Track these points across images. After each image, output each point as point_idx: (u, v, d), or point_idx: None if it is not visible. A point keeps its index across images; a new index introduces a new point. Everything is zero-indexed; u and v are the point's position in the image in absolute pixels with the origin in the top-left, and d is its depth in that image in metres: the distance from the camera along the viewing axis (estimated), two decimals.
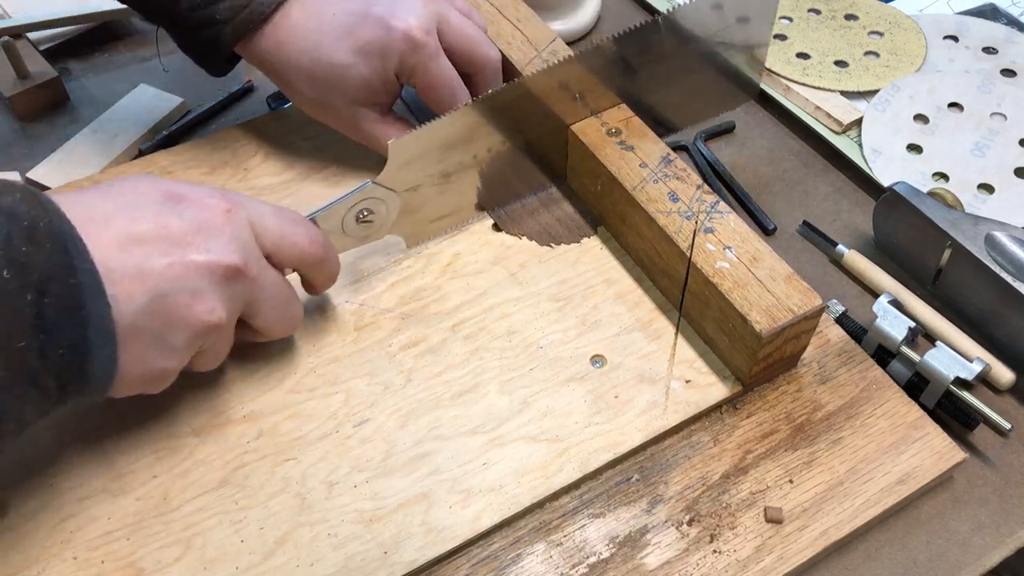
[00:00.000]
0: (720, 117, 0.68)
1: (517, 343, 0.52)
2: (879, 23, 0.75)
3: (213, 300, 0.42)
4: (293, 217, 0.47)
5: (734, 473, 0.47)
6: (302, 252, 0.47)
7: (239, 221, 0.44)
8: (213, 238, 0.42)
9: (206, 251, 0.41)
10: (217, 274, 0.42)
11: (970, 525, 0.48)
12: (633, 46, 0.56)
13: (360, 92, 0.55)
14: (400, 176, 0.53)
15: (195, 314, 0.41)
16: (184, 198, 0.43)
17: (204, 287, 0.41)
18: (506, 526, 0.46)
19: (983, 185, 0.63)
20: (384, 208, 0.53)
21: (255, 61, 0.57)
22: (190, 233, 0.42)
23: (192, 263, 0.41)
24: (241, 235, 0.43)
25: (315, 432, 0.48)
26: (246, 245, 0.44)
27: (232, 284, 0.43)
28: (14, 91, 0.68)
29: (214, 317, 0.42)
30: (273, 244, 0.46)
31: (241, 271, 0.43)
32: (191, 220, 0.42)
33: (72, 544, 0.44)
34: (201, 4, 0.54)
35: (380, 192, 0.52)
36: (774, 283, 0.48)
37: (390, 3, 0.54)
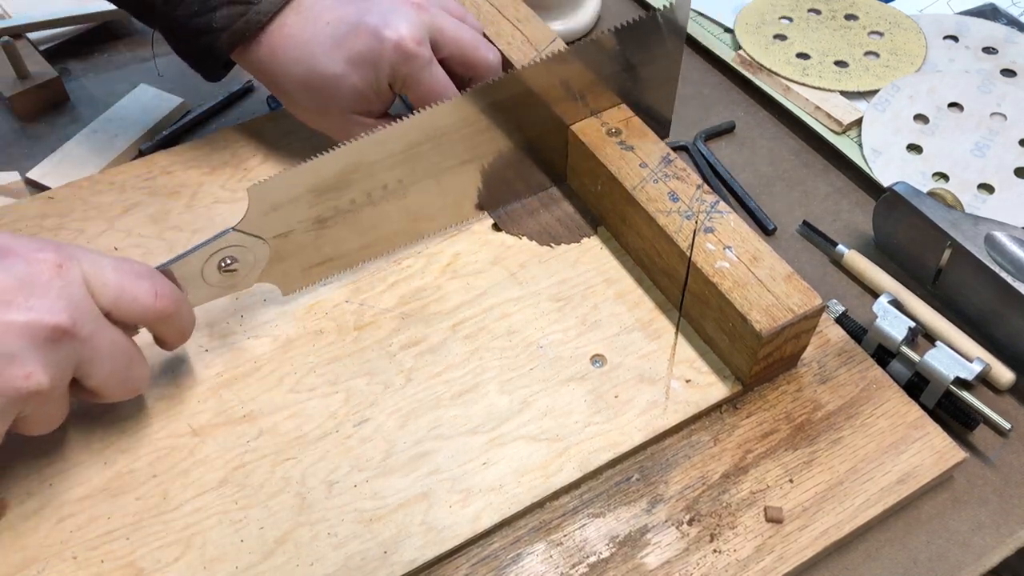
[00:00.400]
0: (720, 115, 0.68)
1: (517, 343, 0.52)
2: (879, 23, 0.75)
3: (32, 364, 0.38)
4: (137, 270, 0.44)
5: (734, 473, 0.47)
6: (145, 308, 0.43)
7: (71, 277, 0.40)
8: (38, 296, 0.39)
9: (27, 310, 0.38)
10: (40, 335, 0.38)
11: (970, 525, 0.48)
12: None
13: (353, 101, 0.55)
14: (266, 222, 0.50)
15: (8, 380, 0.38)
16: (10, 252, 0.40)
17: (22, 350, 0.38)
18: (506, 526, 0.46)
19: (983, 185, 0.63)
20: (250, 256, 0.50)
21: (250, 68, 0.57)
22: (12, 290, 0.38)
23: (11, 323, 0.38)
24: (72, 293, 0.40)
25: (315, 432, 0.48)
26: (77, 303, 0.40)
27: (57, 346, 0.39)
28: (14, 91, 0.68)
29: (31, 383, 0.38)
30: (112, 301, 0.42)
31: (68, 331, 0.39)
32: (16, 275, 0.39)
33: (72, 544, 0.44)
34: (198, 11, 0.54)
35: (243, 239, 0.49)
36: (774, 283, 0.48)
37: (383, 12, 0.53)
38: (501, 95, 0.54)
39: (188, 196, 0.60)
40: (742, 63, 0.73)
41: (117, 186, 0.60)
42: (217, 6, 0.53)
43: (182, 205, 0.59)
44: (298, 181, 0.50)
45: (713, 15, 0.77)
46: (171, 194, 0.60)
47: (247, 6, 0.53)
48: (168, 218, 0.58)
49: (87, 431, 0.48)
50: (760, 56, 0.72)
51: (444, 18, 0.56)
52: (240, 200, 0.60)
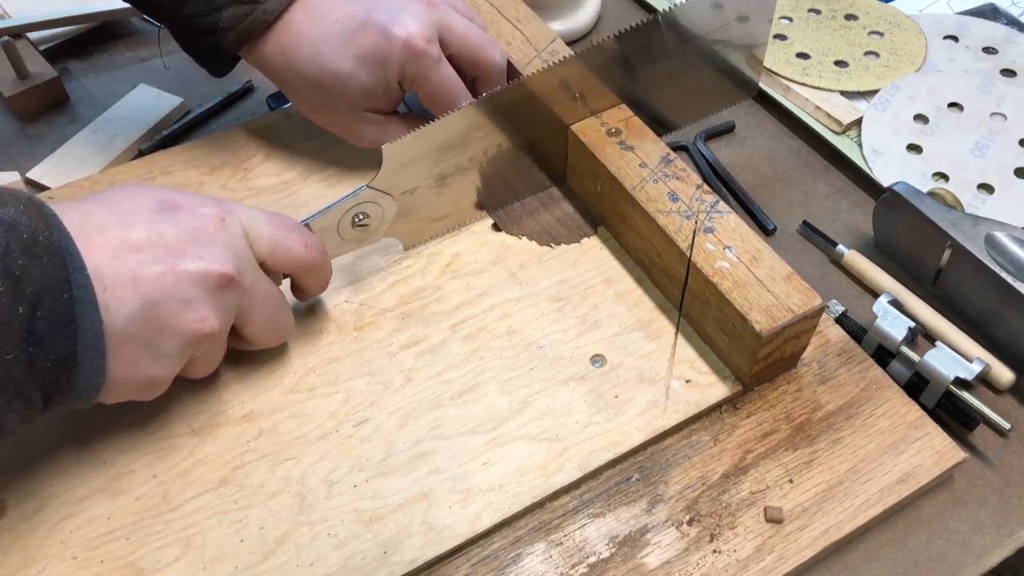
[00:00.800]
0: (720, 115, 0.68)
1: (517, 343, 0.52)
2: (879, 23, 0.75)
3: (205, 309, 0.42)
4: (288, 223, 0.47)
5: (734, 473, 0.47)
6: (297, 258, 0.47)
7: (233, 229, 0.44)
8: (206, 247, 0.42)
9: (199, 259, 0.42)
10: (210, 283, 0.42)
11: (970, 525, 0.48)
12: (633, 44, 0.56)
13: (362, 99, 0.55)
14: (395, 180, 0.53)
15: (186, 323, 0.41)
16: (178, 207, 0.43)
17: (196, 296, 0.42)
18: (506, 526, 0.46)
19: (983, 185, 0.63)
20: (380, 211, 0.53)
21: (258, 66, 0.57)
22: (183, 241, 0.42)
23: (185, 272, 0.41)
24: (235, 243, 0.44)
25: (315, 432, 0.48)
26: (240, 254, 0.44)
27: (225, 293, 0.43)
28: (14, 91, 0.68)
29: (206, 326, 0.42)
30: (268, 251, 0.46)
31: (234, 280, 0.43)
32: (185, 228, 0.42)
33: (72, 544, 0.44)
34: (205, 11, 0.54)
35: (375, 196, 0.52)
36: (774, 283, 0.48)
37: (392, 10, 0.53)
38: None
39: None
40: None
41: (117, 186, 0.60)
42: (223, 5, 0.53)
43: None
44: (426, 140, 0.53)
45: None
46: None
47: (253, 5, 0.53)
48: None
49: (87, 431, 0.48)
50: None
51: (453, 16, 0.56)
52: (240, 200, 0.60)
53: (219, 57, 0.57)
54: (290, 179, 0.61)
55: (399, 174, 0.53)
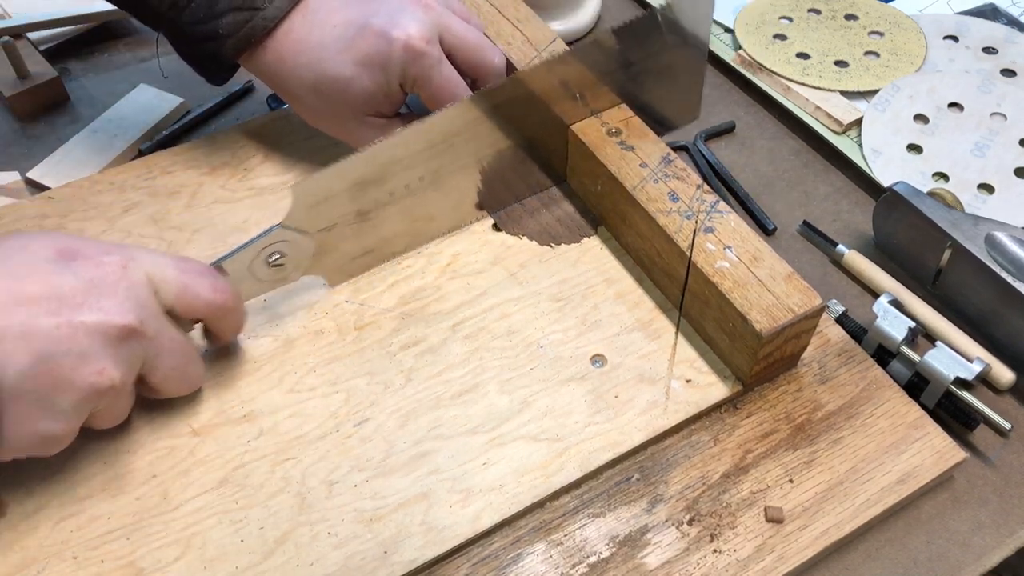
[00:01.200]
0: (720, 115, 0.68)
1: (517, 343, 0.52)
2: (879, 23, 0.75)
3: (104, 362, 0.40)
4: (195, 267, 0.46)
5: (734, 473, 0.47)
6: (206, 303, 0.46)
7: (136, 278, 0.43)
8: (106, 297, 0.41)
9: (98, 311, 0.40)
10: (109, 335, 0.40)
11: (970, 525, 0.48)
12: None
13: (364, 103, 0.55)
14: (310, 218, 0.51)
15: (84, 377, 0.40)
16: (78, 254, 0.42)
17: (94, 349, 0.40)
18: (506, 526, 0.46)
19: (983, 185, 0.63)
20: (296, 250, 0.51)
21: (258, 73, 0.56)
22: (81, 292, 0.40)
23: (82, 324, 0.40)
24: (138, 293, 0.42)
25: (315, 431, 0.48)
26: (143, 303, 0.42)
27: (126, 344, 0.41)
28: (14, 91, 0.68)
29: (104, 379, 0.41)
30: (175, 297, 0.44)
31: (136, 331, 0.41)
32: (83, 278, 0.41)
33: (72, 544, 0.44)
34: (203, 18, 0.53)
35: (289, 235, 0.51)
36: (774, 283, 0.48)
37: (390, 13, 0.53)
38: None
39: (188, 196, 0.60)
40: (742, 63, 0.73)
41: (117, 186, 0.60)
42: (222, 12, 0.53)
43: (182, 205, 0.59)
44: (340, 176, 0.51)
45: (713, 15, 0.77)
46: (171, 194, 0.60)
47: (252, 12, 0.53)
48: (168, 218, 0.58)
49: (87, 431, 0.48)
50: (760, 56, 0.72)
51: (451, 18, 0.55)
52: (240, 200, 0.60)
53: (217, 64, 0.56)
54: (290, 179, 0.61)
55: (313, 211, 0.51)
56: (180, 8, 0.53)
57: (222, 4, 0.53)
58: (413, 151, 0.53)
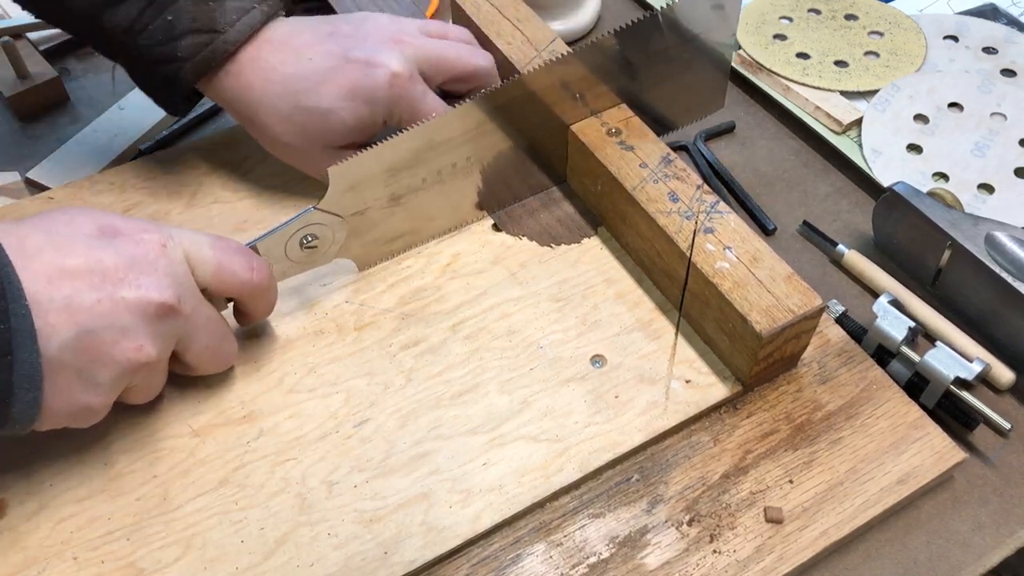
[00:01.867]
0: (720, 115, 0.68)
1: (517, 343, 0.52)
2: (879, 23, 0.75)
3: (142, 337, 0.41)
4: (232, 246, 0.47)
5: (734, 473, 0.47)
6: (242, 282, 0.46)
7: (174, 256, 0.43)
8: (146, 274, 0.41)
9: (137, 287, 0.41)
10: (148, 311, 0.41)
11: (970, 525, 0.48)
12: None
13: (340, 136, 0.54)
14: (344, 201, 0.52)
15: (122, 351, 0.41)
16: (119, 232, 0.42)
17: (133, 324, 0.41)
18: (506, 526, 0.46)
19: (983, 185, 0.63)
20: (329, 233, 0.52)
21: (219, 100, 0.56)
22: (122, 268, 0.41)
23: (122, 299, 0.40)
24: (176, 270, 0.43)
25: (315, 432, 0.48)
26: (181, 281, 0.43)
27: (164, 321, 0.42)
28: (14, 91, 0.68)
29: (142, 355, 0.41)
30: (211, 275, 0.45)
31: (174, 308, 0.42)
32: (124, 255, 0.41)
33: (72, 544, 0.44)
34: (161, 40, 0.52)
35: (323, 217, 0.51)
36: (774, 283, 0.48)
37: (369, 49, 0.53)
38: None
39: (188, 196, 0.60)
40: (742, 63, 0.73)
41: (117, 186, 0.60)
42: (181, 35, 0.52)
43: (182, 205, 0.59)
44: (375, 161, 0.52)
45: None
46: (171, 194, 0.60)
47: (213, 35, 0.52)
48: (168, 218, 0.58)
49: (87, 431, 0.48)
50: (760, 56, 0.72)
51: (426, 45, 0.55)
52: (240, 200, 0.60)
53: (176, 90, 0.54)
54: (289, 179, 0.61)
55: (348, 195, 0.52)
56: (136, 32, 0.52)
57: (181, 27, 0.52)
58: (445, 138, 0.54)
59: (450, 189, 0.56)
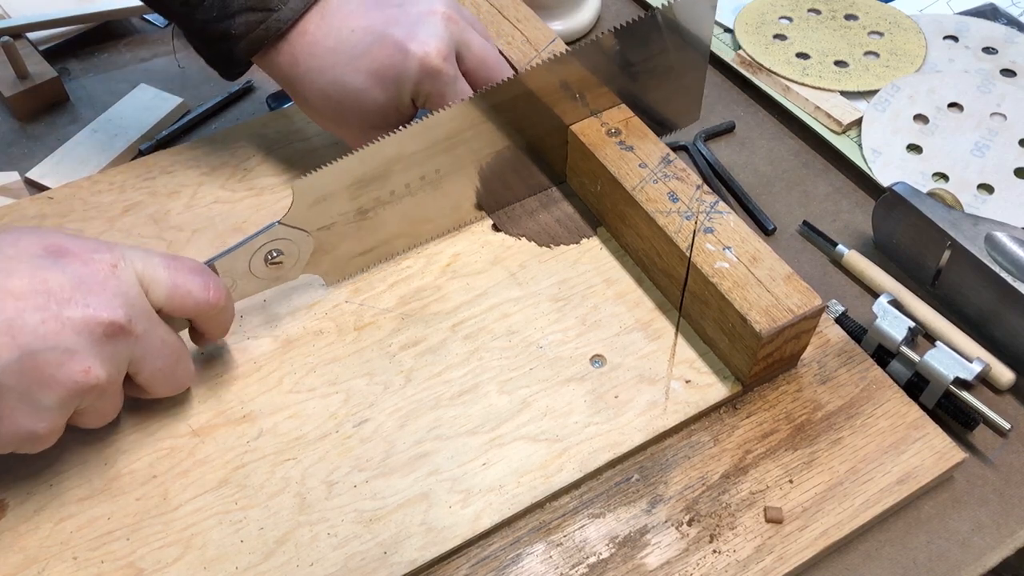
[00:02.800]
0: (720, 115, 0.68)
1: (517, 343, 0.52)
2: (879, 23, 0.75)
3: (90, 359, 0.40)
4: (188, 265, 0.45)
5: (734, 473, 0.47)
6: (197, 302, 0.45)
7: (125, 276, 0.42)
8: (94, 294, 0.40)
9: (85, 307, 0.40)
10: (96, 332, 0.40)
11: (970, 525, 0.48)
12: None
13: (374, 115, 0.54)
14: (310, 216, 0.51)
15: (68, 374, 0.39)
16: (67, 252, 0.41)
17: (80, 345, 0.40)
18: (506, 526, 0.46)
19: (983, 185, 0.63)
20: (295, 248, 0.51)
21: (270, 74, 0.56)
22: (68, 288, 0.40)
23: (68, 319, 0.39)
24: (127, 290, 0.42)
25: (315, 432, 0.48)
26: (132, 301, 0.42)
27: (113, 342, 0.41)
28: (14, 91, 0.68)
29: (90, 377, 0.40)
30: (166, 296, 0.44)
31: (124, 328, 0.41)
32: (71, 275, 0.40)
33: (72, 544, 0.44)
34: (216, 18, 0.52)
35: (288, 233, 0.50)
36: (774, 283, 0.48)
37: (411, 24, 0.52)
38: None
39: (188, 196, 0.60)
40: (742, 63, 0.73)
41: (117, 186, 0.60)
42: (235, 12, 0.52)
43: (182, 205, 0.59)
44: (341, 175, 0.51)
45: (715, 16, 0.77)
46: (171, 194, 0.60)
47: (266, 13, 0.52)
48: (168, 218, 0.58)
49: (87, 432, 0.48)
50: (760, 56, 0.72)
51: (471, 33, 0.54)
52: (240, 200, 0.60)
53: (231, 64, 0.55)
54: (290, 179, 0.61)
55: (313, 210, 0.51)
56: (192, 5, 0.52)
57: (235, 4, 0.52)
58: (414, 150, 0.53)
59: (423, 201, 0.56)
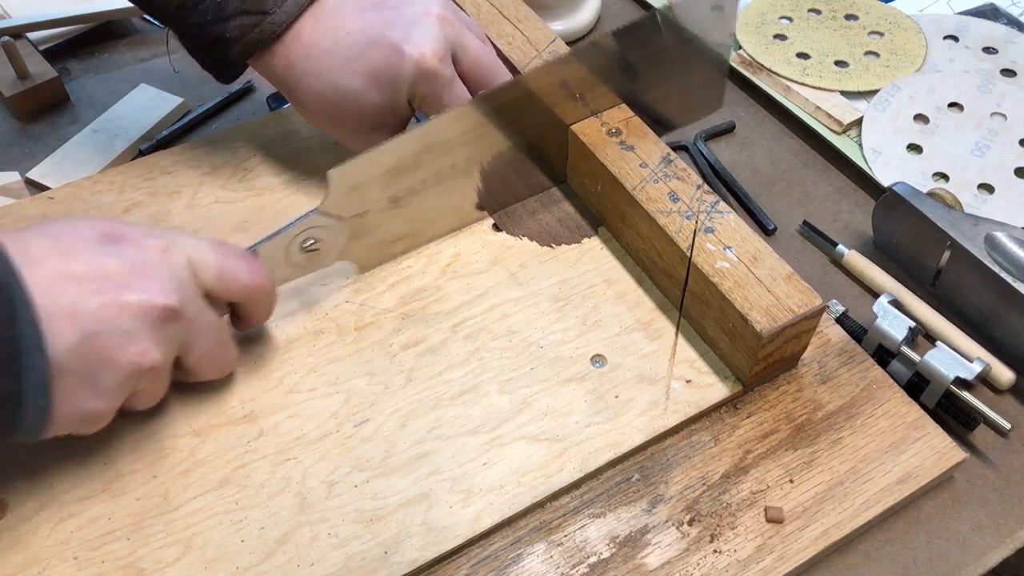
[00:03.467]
0: (720, 115, 0.68)
1: (517, 343, 0.52)
2: (879, 23, 0.75)
3: (146, 342, 0.41)
4: (234, 251, 0.47)
5: (734, 473, 0.47)
6: (243, 286, 0.46)
7: (177, 261, 0.43)
8: (149, 278, 0.41)
9: (141, 291, 0.41)
10: (152, 315, 0.41)
11: (970, 525, 0.48)
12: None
13: (370, 117, 0.54)
14: (345, 203, 0.51)
15: (127, 356, 0.41)
16: (122, 238, 0.42)
17: (137, 328, 0.41)
18: (506, 526, 0.46)
19: (983, 185, 0.63)
20: (330, 236, 0.52)
21: (266, 77, 0.56)
22: (126, 273, 0.41)
23: (126, 304, 0.40)
24: (179, 275, 0.43)
25: (315, 432, 0.48)
26: (184, 286, 0.43)
27: (167, 325, 0.42)
28: (14, 91, 0.68)
29: (147, 359, 0.41)
30: (214, 280, 0.45)
31: (177, 312, 0.42)
32: (128, 260, 0.41)
33: (72, 544, 0.44)
34: (210, 21, 0.52)
35: (324, 220, 0.51)
36: (774, 283, 0.48)
37: (406, 25, 0.52)
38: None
39: (188, 196, 0.60)
40: (742, 63, 0.73)
41: (117, 186, 0.60)
42: (230, 16, 0.52)
43: (182, 205, 0.59)
44: (376, 163, 0.51)
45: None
46: (171, 194, 0.60)
47: (261, 16, 0.52)
48: (168, 218, 0.58)
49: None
50: (760, 56, 0.72)
51: (468, 35, 0.54)
52: (240, 200, 0.60)
53: (226, 68, 0.55)
54: (290, 179, 0.61)
55: (348, 197, 0.51)
56: (187, 9, 0.52)
57: (230, 7, 0.52)
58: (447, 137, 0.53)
59: (450, 190, 0.56)
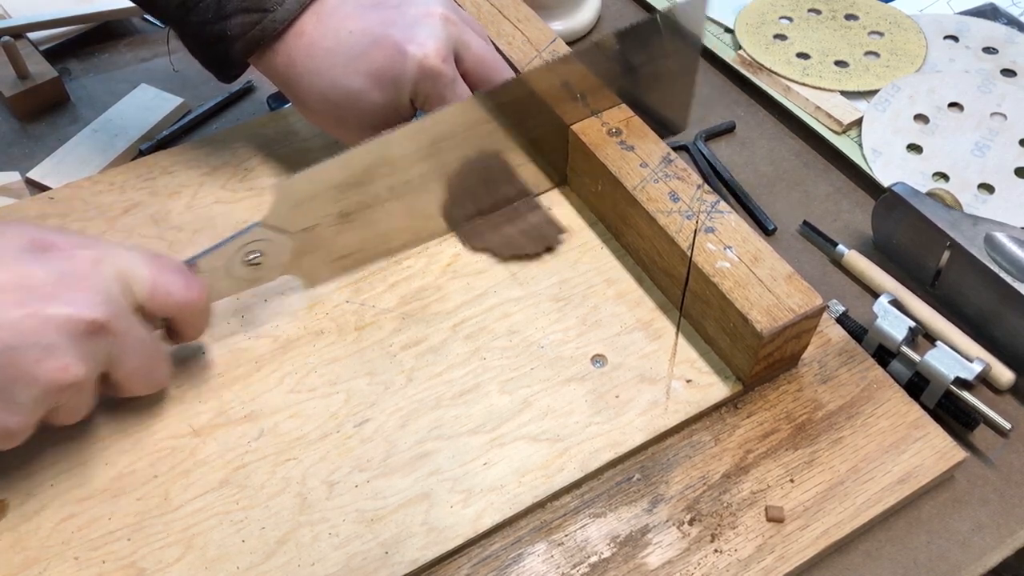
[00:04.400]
0: (720, 115, 0.68)
1: (518, 343, 0.52)
2: (879, 23, 0.75)
3: (68, 357, 0.40)
4: (169, 265, 0.45)
5: (735, 472, 0.47)
6: (177, 302, 0.45)
7: (108, 273, 0.42)
8: (77, 290, 0.40)
9: (67, 304, 0.39)
10: (77, 330, 0.40)
11: (970, 525, 0.48)
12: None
13: (372, 117, 0.53)
14: (291, 217, 0.50)
15: (46, 371, 0.39)
16: (52, 246, 0.41)
17: (60, 342, 0.39)
18: (507, 526, 0.46)
19: (983, 185, 0.63)
20: (274, 250, 0.50)
21: (268, 76, 0.55)
22: (51, 284, 0.40)
23: (50, 317, 0.39)
24: (109, 288, 0.42)
25: (316, 432, 0.48)
26: (113, 299, 0.42)
27: (93, 340, 0.41)
28: (14, 91, 0.68)
29: (68, 375, 0.40)
30: (147, 294, 0.44)
31: (104, 327, 0.41)
32: (55, 270, 0.40)
33: (73, 544, 0.44)
34: (212, 19, 0.52)
35: (268, 234, 0.50)
36: (775, 283, 0.48)
37: (408, 25, 0.51)
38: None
39: (188, 196, 0.60)
40: (742, 63, 0.73)
41: (117, 186, 0.60)
42: (231, 14, 0.51)
43: (182, 205, 0.59)
44: (324, 177, 0.50)
45: (713, 15, 0.77)
46: (171, 194, 0.60)
47: (262, 14, 0.51)
48: (168, 218, 0.58)
49: (88, 432, 0.48)
50: (760, 56, 0.72)
51: (470, 34, 0.54)
52: (240, 200, 0.60)
53: (227, 66, 0.55)
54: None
55: (295, 211, 0.50)
56: (188, 8, 0.52)
57: (231, 5, 0.51)
58: (402, 153, 0.52)
59: (407, 205, 0.55)
